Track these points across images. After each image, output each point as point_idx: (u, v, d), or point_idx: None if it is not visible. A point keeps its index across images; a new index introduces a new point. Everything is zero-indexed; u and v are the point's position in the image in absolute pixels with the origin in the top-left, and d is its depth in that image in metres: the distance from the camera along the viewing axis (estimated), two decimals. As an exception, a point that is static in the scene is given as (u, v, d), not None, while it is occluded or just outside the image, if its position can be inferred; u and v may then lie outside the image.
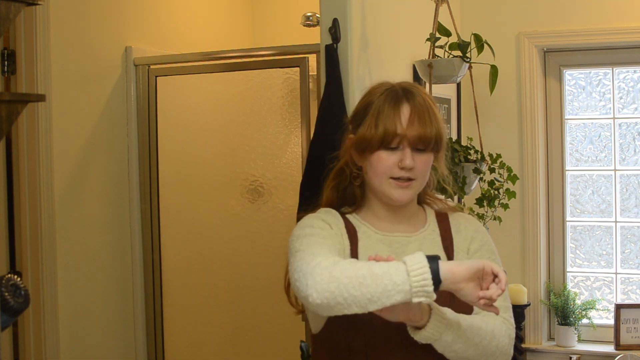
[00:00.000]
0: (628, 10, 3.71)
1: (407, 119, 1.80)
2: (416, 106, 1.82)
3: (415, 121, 1.80)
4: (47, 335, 3.02)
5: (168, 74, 3.49)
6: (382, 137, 1.80)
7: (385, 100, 1.84)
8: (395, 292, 1.58)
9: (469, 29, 3.30)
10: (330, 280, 1.61)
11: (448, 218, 1.97)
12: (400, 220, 1.91)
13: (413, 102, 1.82)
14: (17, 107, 1.73)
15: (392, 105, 1.82)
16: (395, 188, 1.83)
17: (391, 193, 1.84)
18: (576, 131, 3.96)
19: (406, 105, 1.82)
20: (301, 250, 1.74)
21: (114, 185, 3.40)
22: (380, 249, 1.86)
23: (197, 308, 3.52)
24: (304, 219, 1.90)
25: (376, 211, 1.91)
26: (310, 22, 3.82)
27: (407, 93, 1.85)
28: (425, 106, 1.83)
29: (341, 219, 1.90)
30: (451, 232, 1.93)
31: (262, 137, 3.35)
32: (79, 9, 3.22)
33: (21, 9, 1.73)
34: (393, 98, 1.84)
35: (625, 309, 3.74)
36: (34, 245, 3.00)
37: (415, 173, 1.83)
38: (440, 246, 1.91)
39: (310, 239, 1.77)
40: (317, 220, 1.86)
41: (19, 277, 1.81)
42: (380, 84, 1.91)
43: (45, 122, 3.01)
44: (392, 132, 1.80)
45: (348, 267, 1.63)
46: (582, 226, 3.96)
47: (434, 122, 1.83)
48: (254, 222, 3.39)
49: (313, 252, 1.71)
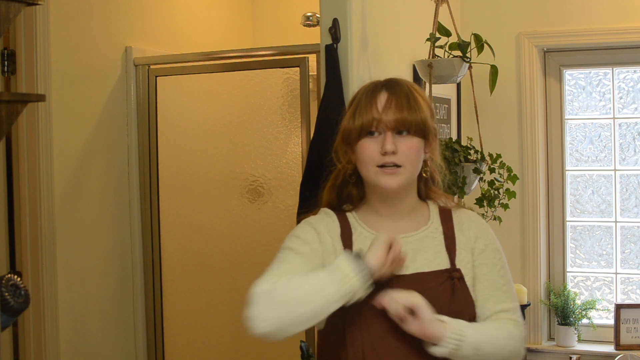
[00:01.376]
0: (628, 10, 3.71)
1: (384, 104, 1.83)
2: (394, 92, 1.84)
3: (393, 105, 1.82)
4: (47, 335, 3.02)
5: (168, 74, 3.49)
6: (360, 125, 1.83)
7: (365, 92, 1.88)
8: (336, 299, 1.70)
9: (469, 29, 3.30)
10: (274, 307, 1.70)
11: (452, 215, 1.95)
12: (401, 216, 1.90)
13: (392, 90, 1.85)
14: (17, 107, 1.73)
15: (370, 95, 1.85)
16: (382, 175, 1.83)
17: (380, 181, 1.83)
18: (576, 131, 3.96)
19: (384, 92, 1.85)
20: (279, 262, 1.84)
21: (114, 186, 3.40)
22: None
23: (197, 308, 3.52)
24: (300, 225, 1.92)
25: (375, 207, 1.91)
26: (310, 22, 3.82)
27: (389, 83, 1.87)
28: (405, 93, 1.85)
29: (338, 222, 1.90)
30: (454, 231, 1.92)
31: (262, 137, 3.35)
32: (79, 9, 3.22)
33: (21, 9, 1.73)
34: (372, 89, 1.87)
35: (625, 309, 3.74)
36: (34, 245, 3.00)
37: (400, 158, 1.82)
38: (442, 245, 1.89)
39: (287, 255, 1.84)
40: (307, 233, 1.87)
41: (19, 277, 1.81)
42: (369, 82, 1.93)
43: (45, 122, 3.01)
44: (369, 117, 1.82)
45: (287, 288, 1.71)
46: (582, 226, 3.96)
47: (415, 107, 1.83)
48: (254, 222, 3.39)
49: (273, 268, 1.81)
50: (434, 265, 1.86)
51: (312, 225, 1.90)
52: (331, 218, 1.91)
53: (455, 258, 1.88)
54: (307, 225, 1.91)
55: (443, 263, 1.86)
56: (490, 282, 1.88)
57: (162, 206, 3.50)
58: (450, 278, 1.84)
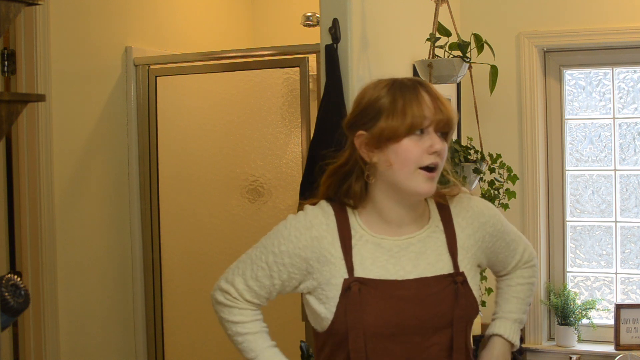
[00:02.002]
0: (628, 10, 3.71)
1: (431, 104, 1.77)
2: (432, 92, 1.80)
3: (439, 105, 1.78)
4: (47, 335, 3.02)
5: (168, 74, 3.49)
6: (411, 123, 1.75)
7: (402, 89, 1.79)
8: None
9: (469, 29, 3.30)
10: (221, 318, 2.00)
11: (449, 209, 1.90)
12: (408, 222, 1.85)
13: (428, 89, 1.80)
14: (17, 107, 1.73)
15: (413, 92, 1.78)
16: (424, 180, 1.77)
17: (420, 186, 1.77)
18: (576, 131, 3.96)
19: (423, 91, 1.79)
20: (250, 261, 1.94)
21: (114, 185, 3.40)
22: (379, 255, 1.81)
23: (197, 308, 3.51)
24: (289, 224, 1.86)
25: (383, 211, 1.84)
26: (310, 22, 3.82)
27: (417, 82, 1.82)
28: (437, 93, 1.82)
29: (335, 223, 1.84)
30: (454, 228, 1.88)
31: (262, 137, 3.35)
32: (79, 9, 3.22)
33: (21, 9, 1.73)
34: (410, 86, 1.80)
35: (625, 309, 3.74)
36: (34, 245, 3.00)
37: (441, 159, 1.79)
38: (444, 246, 1.85)
39: (267, 257, 1.88)
40: (294, 237, 1.84)
41: (19, 277, 1.81)
42: (377, 82, 1.85)
43: (45, 122, 3.01)
44: (420, 115, 1.76)
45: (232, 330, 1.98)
46: (582, 226, 3.96)
47: (450, 108, 1.82)
48: (254, 222, 3.39)
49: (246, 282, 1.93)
50: (437, 269, 1.82)
51: (305, 225, 1.84)
52: (327, 218, 1.85)
53: (458, 259, 1.85)
54: (297, 226, 1.84)
55: (446, 267, 1.83)
56: (506, 245, 1.97)
57: (162, 206, 3.50)
58: (454, 282, 1.82)
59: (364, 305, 1.76)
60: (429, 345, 1.79)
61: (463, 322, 1.82)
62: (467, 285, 1.84)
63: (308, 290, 1.85)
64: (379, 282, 1.78)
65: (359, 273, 1.79)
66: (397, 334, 1.77)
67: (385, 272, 1.80)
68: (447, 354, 1.81)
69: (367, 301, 1.77)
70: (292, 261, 1.84)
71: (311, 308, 1.85)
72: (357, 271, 1.79)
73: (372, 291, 1.77)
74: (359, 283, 1.77)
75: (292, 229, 1.85)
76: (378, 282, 1.78)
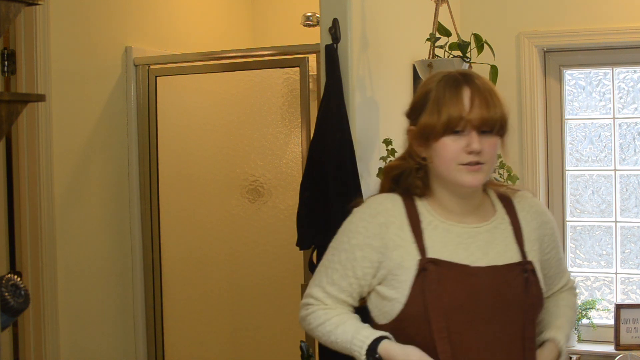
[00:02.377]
0: (628, 10, 3.71)
1: (470, 102, 1.77)
2: (477, 89, 1.79)
3: (478, 103, 1.77)
4: (47, 335, 3.02)
5: (168, 74, 3.49)
6: (446, 122, 1.77)
7: (445, 86, 1.80)
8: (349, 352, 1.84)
9: (469, 29, 3.30)
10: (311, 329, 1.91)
11: (512, 202, 1.94)
12: (470, 211, 1.87)
13: (473, 85, 1.79)
14: (17, 107, 1.73)
15: (453, 90, 1.79)
16: (465, 173, 1.79)
17: (462, 179, 1.79)
18: (576, 131, 3.95)
19: (466, 88, 1.79)
20: (323, 268, 1.91)
21: (114, 185, 3.40)
22: (449, 240, 1.83)
23: (197, 308, 3.52)
24: (354, 217, 1.88)
25: (444, 202, 1.87)
26: (310, 22, 3.82)
27: (466, 77, 1.82)
28: (486, 89, 1.80)
29: (403, 208, 1.85)
30: (519, 220, 1.91)
31: (262, 137, 3.35)
32: (79, 9, 3.22)
33: (21, 9, 1.73)
34: (453, 83, 1.80)
35: (625, 309, 3.74)
36: (34, 245, 3.00)
37: (483, 157, 1.79)
38: (512, 236, 1.88)
39: (340, 256, 1.87)
40: (362, 227, 1.84)
41: (19, 277, 1.81)
42: (437, 73, 1.87)
43: (45, 122, 3.01)
44: (456, 115, 1.76)
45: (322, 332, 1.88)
46: (582, 226, 3.96)
47: (498, 104, 1.80)
48: (254, 222, 3.39)
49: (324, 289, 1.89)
50: (507, 258, 1.85)
51: (369, 217, 1.85)
52: (394, 204, 1.86)
53: (525, 249, 1.88)
54: (362, 219, 1.86)
55: (515, 256, 1.86)
56: (558, 262, 2.00)
57: (162, 206, 3.50)
58: (524, 271, 1.84)
59: (442, 284, 1.77)
60: (502, 334, 1.79)
61: (534, 310, 1.85)
62: (535, 274, 1.86)
63: (379, 281, 1.84)
64: (453, 264, 1.80)
65: (432, 255, 1.80)
66: (472, 321, 1.76)
67: (456, 257, 1.81)
68: (520, 344, 1.81)
69: (444, 281, 1.77)
70: (364, 254, 1.84)
71: (381, 297, 1.84)
72: (430, 253, 1.80)
73: (447, 272, 1.78)
74: (434, 264, 1.78)
75: (358, 221, 1.87)
76: (452, 264, 1.80)
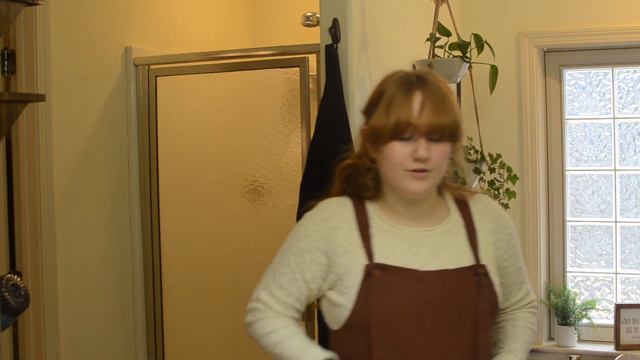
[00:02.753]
0: (628, 10, 3.71)
1: (420, 107, 1.72)
2: (429, 94, 1.74)
3: (428, 109, 1.72)
4: (47, 335, 3.02)
5: (168, 74, 3.49)
6: (394, 127, 1.72)
7: (398, 88, 1.76)
8: None
9: (469, 29, 3.30)
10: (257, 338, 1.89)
11: (468, 205, 1.89)
12: (420, 216, 1.83)
13: (426, 90, 1.74)
14: (17, 107, 1.73)
15: (404, 93, 1.74)
16: (411, 180, 1.75)
17: (407, 185, 1.76)
18: (576, 131, 3.95)
19: (418, 92, 1.74)
20: (271, 271, 1.87)
21: (114, 185, 3.40)
22: (398, 244, 1.79)
23: (197, 308, 3.51)
24: (304, 221, 1.85)
25: (393, 206, 1.83)
26: (310, 22, 3.82)
27: (420, 80, 1.77)
28: (439, 94, 1.75)
29: (353, 212, 1.82)
30: (474, 224, 1.87)
31: (262, 137, 3.35)
32: (79, 9, 3.22)
33: (21, 9, 1.73)
34: (406, 86, 1.76)
35: (625, 309, 3.74)
36: (34, 245, 3.00)
37: (430, 164, 1.74)
38: (465, 240, 1.84)
39: (288, 259, 1.83)
40: (311, 231, 1.81)
41: (19, 277, 1.81)
42: (395, 72, 1.82)
43: (45, 122, 3.01)
44: (404, 121, 1.72)
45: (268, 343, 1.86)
46: (582, 226, 3.96)
47: (449, 111, 1.75)
48: (254, 222, 3.39)
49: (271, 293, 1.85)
50: (459, 261, 1.80)
51: (318, 220, 1.82)
52: (343, 208, 1.83)
53: (479, 253, 1.83)
54: (312, 222, 1.83)
55: (467, 259, 1.81)
56: (517, 271, 1.93)
57: (162, 206, 3.50)
58: (476, 274, 1.80)
59: (386, 290, 1.73)
60: (453, 340, 1.76)
61: (486, 315, 1.80)
62: (488, 277, 1.81)
63: (329, 286, 1.81)
64: (400, 269, 1.76)
65: (379, 260, 1.76)
66: (421, 326, 1.73)
67: (405, 261, 1.77)
68: (472, 350, 1.77)
69: (389, 287, 1.74)
70: (313, 257, 1.81)
71: (330, 302, 1.81)
72: (377, 258, 1.77)
73: (394, 277, 1.75)
74: (380, 269, 1.75)
75: (308, 225, 1.84)
76: (399, 269, 1.76)
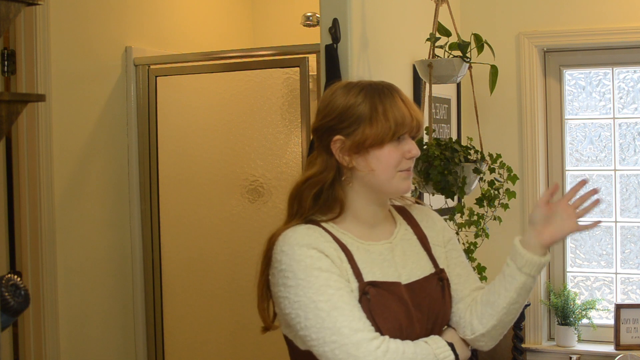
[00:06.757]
0: (628, 10, 3.71)
1: (407, 108, 1.79)
2: (403, 96, 1.82)
3: (414, 109, 1.81)
4: (47, 335, 3.02)
5: (168, 74, 3.49)
6: (395, 129, 1.76)
7: (380, 96, 1.78)
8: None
9: (469, 29, 3.30)
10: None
11: (408, 212, 1.94)
12: (379, 221, 1.85)
13: (398, 92, 1.82)
14: (17, 107, 1.73)
15: (391, 98, 1.79)
16: (402, 179, 1.80)
17: (399, 186, 1.80)
18: (576, 131, 3.96)
19: (397, 96, 1.80)
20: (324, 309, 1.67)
21: (114, 185, 3.40)
22: (373, 260, 1.78)
23: (197, 308, 3.52)
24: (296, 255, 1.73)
25: (358, 214, 1.81)
26: (310, 22, 3.82)
27: (391, 87, 1.82)
28: (408, 97, 1.84)
29: (325, 233, 1.77)
30: (422, 228, 1.91)
31: (262, 137, 3.35)
32: (79, 9, 3.22)
33: (21, 9, 1.73)
34: (386, 92, 1.79)
35: (625, 309, 3.74)
36: (34, 245, 3.00)
37: (413, 162, 1.83)
38: (419, 245, 1.88)
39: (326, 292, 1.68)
40: (316, 259, 1.72)
41: (19, 277, 1.81)
42: (346, 86, 1.81)
43: (45, 122, 3.01)
44: (401, 122, 1.77)
45: (397, 355, 1.66)
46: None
47: (420, 112, 1.85)
48: (254, 222, 3.39)
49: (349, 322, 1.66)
50: (424, 270, 1.84)
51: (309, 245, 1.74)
52: (320, 233, 1.78)
53: (435, 257, 1.88)
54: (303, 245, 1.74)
55: (428, 266, 1.86)
56: (463, 264, 1.94)
57: (162, 206, 3.50)
58: (440, 280, 1.85)
59: (384, 307, 1.73)
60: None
61: (448, 318, 1.85)
62: (448, 281, 1.87)
63: None
64: (388, 284, 1.76)
65: (368, 277, 1.75)
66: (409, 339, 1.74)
67: (388, 275, 1.78)
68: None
69: (386, 303, 1.74)
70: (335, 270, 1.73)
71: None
72: (366, 276, 1.75)
73: (386, 294, 1.74)
74: (373, 286, 1.74)
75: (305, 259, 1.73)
76: (387, 284, 1.76)
